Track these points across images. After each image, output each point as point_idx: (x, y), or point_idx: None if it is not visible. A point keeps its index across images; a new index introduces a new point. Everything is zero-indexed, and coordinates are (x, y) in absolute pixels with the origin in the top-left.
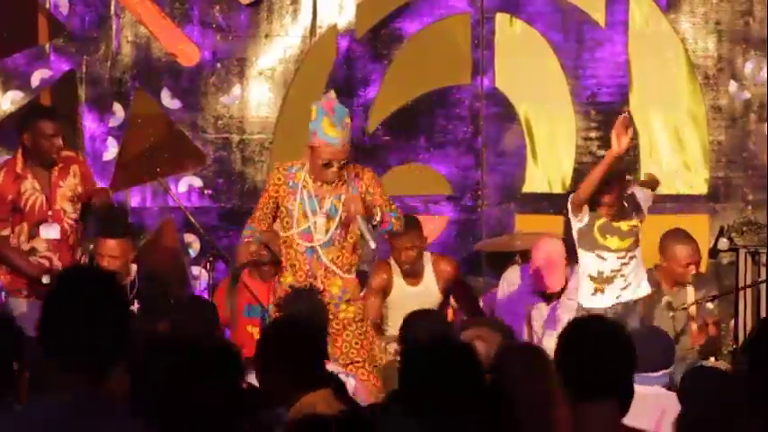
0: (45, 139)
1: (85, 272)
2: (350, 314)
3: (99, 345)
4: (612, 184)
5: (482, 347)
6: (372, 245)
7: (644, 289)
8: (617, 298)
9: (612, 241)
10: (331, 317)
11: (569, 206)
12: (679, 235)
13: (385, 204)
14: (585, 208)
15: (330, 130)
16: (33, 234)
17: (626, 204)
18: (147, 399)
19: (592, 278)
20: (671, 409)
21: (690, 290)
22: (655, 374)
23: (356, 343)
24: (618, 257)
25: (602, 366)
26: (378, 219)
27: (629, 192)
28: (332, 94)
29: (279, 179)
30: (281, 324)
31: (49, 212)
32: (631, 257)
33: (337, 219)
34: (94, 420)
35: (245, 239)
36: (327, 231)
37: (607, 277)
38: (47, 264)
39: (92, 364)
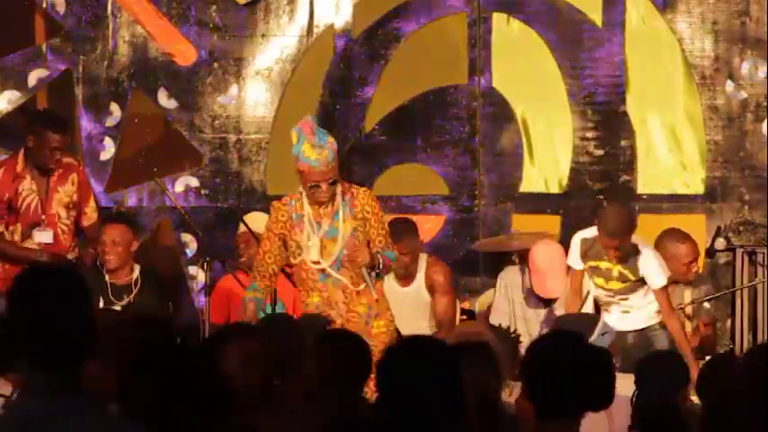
0: (48, 149)
1: (47, 270)
2: (382, 329)
3: (65, 344)
4: (623, 232)
5: None
6: (374, 294)
7: (648, 321)
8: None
9: (599, 281)
10: (365, 335)
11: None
12: (677, 234)
13: (381, 236)
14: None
15: (311, 153)
16: (26, 235)
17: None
18: (136, 397)
19: (596, 298)
20: None
21: (686, 290)
22: None
23: None
24: (606, 295)
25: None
26: (380, 268)
27: (637, 247)
28: (309, 116)
29: (282, 215)
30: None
31: (43, 216)
32: (622, 299)
33: (340, 240)
34: (67, 421)
35: (247, 301)
36: (332, 254)
37: (605, 302)
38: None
39: (62, 364)
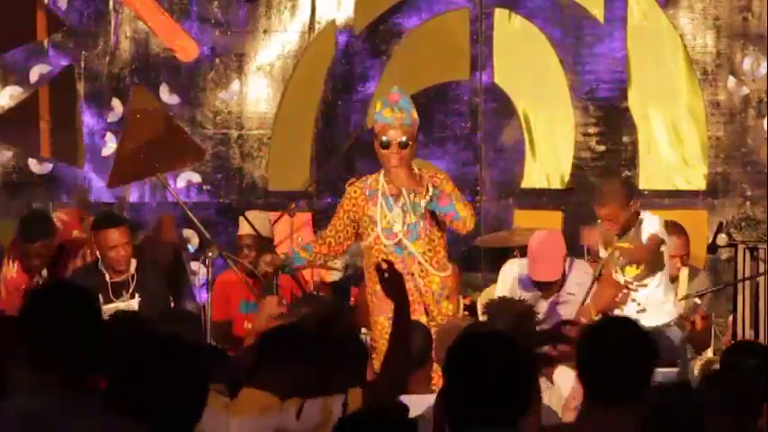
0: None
1: (62, 288)
2: (450, 311)
3: (71, 353)
4: (609, 198)
5: None
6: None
7: (663, 318)
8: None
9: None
10: (435, 312)
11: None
12: (673, 226)
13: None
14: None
15: (387, 113)
16: None
17: (631, 227)
18: (133, 396)
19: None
20: None
21: (683, 285)
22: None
23: None
24: (626, 284)
25: (627, 370)
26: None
27: (640, 216)
28: (396, 88)
29: (355, 191)
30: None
31: None
32: (641, 286)
33: (420, 213)
34: (67, 420)
35: (286, 253)
36: (409, 225)
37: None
38: None
39: (63, 364)
